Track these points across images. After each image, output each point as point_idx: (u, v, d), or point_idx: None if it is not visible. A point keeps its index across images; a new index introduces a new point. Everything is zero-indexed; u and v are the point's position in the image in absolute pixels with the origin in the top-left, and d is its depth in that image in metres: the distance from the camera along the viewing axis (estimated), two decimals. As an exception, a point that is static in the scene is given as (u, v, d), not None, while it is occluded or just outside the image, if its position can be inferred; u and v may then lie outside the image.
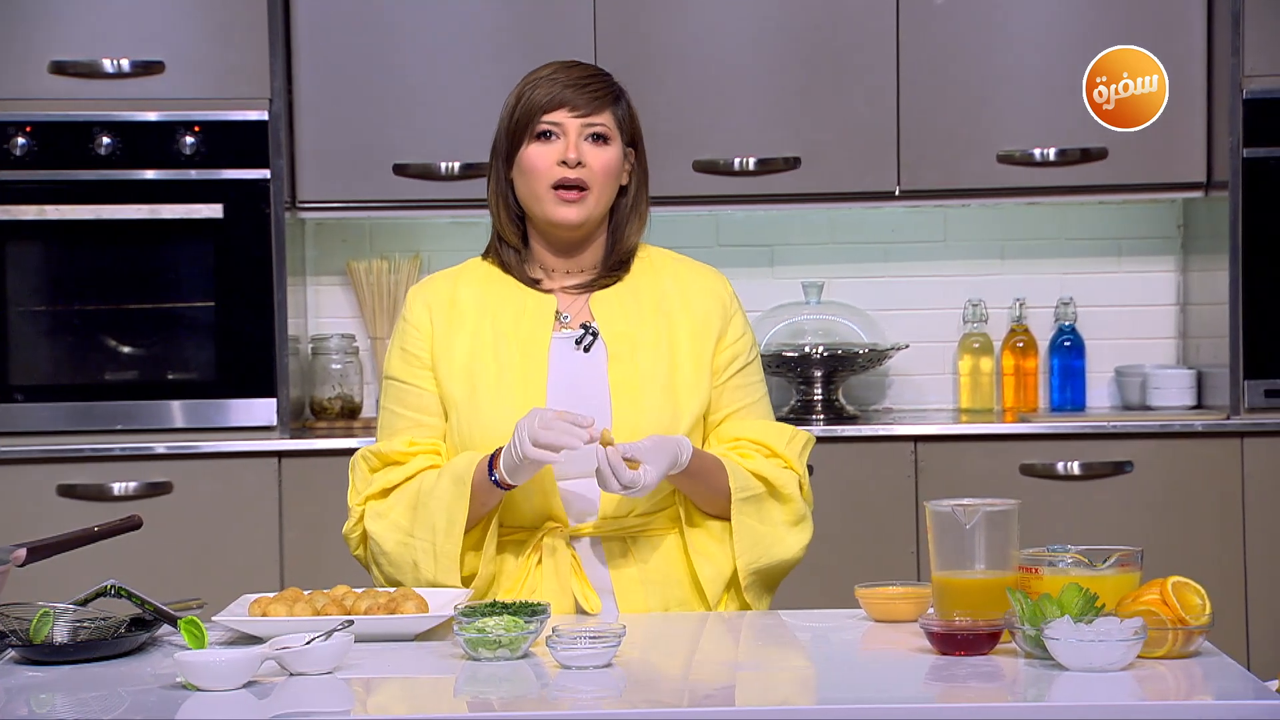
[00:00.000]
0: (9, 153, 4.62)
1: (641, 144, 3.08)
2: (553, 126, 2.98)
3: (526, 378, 2.96)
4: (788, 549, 3.00)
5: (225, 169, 4.68)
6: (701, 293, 3.05)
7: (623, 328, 2.99)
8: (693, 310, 3.03)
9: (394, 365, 3.04)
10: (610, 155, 3.00)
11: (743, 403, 3.04)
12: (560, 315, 3.02)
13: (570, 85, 2.99)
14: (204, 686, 2.41)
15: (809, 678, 2.54)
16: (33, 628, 2.59)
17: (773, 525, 2.98)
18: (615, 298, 3.03)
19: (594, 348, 3.00)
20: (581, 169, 2.97)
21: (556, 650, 2.51)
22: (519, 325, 3.00)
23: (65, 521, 4.06)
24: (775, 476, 2.99)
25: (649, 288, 3.04)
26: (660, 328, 3.00)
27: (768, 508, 2.98)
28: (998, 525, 2.61)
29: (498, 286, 3.04)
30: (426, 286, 3.07)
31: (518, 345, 2.99)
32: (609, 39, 4.79)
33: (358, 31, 4.78)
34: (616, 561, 2.96)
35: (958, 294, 5.14)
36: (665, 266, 3.08)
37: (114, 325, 4.70)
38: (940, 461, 4.71)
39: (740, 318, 3.07)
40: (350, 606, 2.70)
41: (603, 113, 3.00)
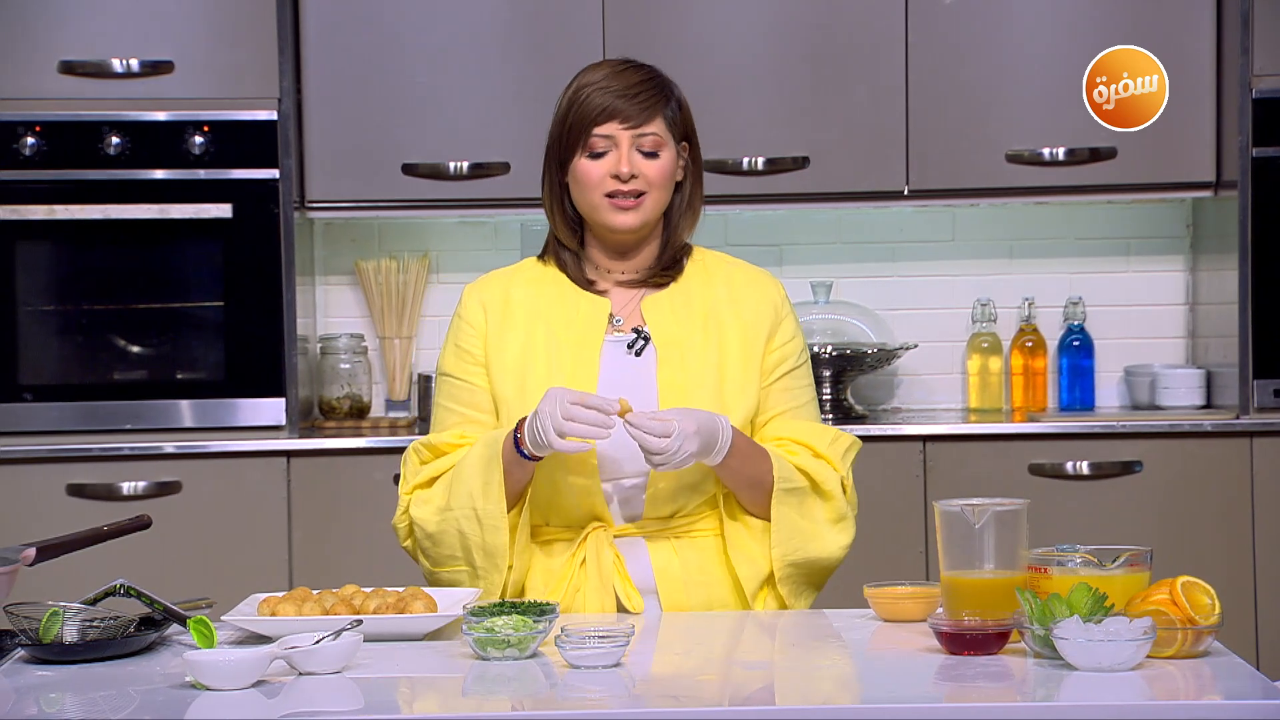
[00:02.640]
0: (18, 152, 4.62)
1: (695, 139, 3.08)
2: (604, 140, 2.98)
3: (576, 379, 2.97)
4: (826, 546, 2.99)
5: (234, 169, 4.68)
6: (752, 296, 3.05)
7: (673, 332, 3.00)
8: (743, 314, 3.03)
9: (448, 361, 3.06)
10: (663, 163, 3.00)
11: (789, 405, 3.04)
12: (613, 319, 3.03)
13: (621, 95, 2.98)
14: (213, 686, 2.41)
15: (817, 677, 2.54)
16: (42, 627, 2.59)
17: (813, 521, 2.98)
18: (667, 301, 3.03)
19: (645, 351, 3.00)
20: (635, 180, 2.98)
21: (565, 650, 2.51)
22: (571, 327, 3.01)
23: (74, 521, 4.06)
24: (818, 473, 2.99)
25: (700, 291, 3.04)
26: (710, 332, 3.01)
27: (809, 503, 2.98)
28: (1007, 525, 2.61)
29: (552, 287, 3.05)
30: (482, 285, 3.09)
31: (569, 347, 3.00)
32: (617, 39, 4.79)
33: (366, 31, 4.78)
34: (660, 561, 2.96)
35: (966, 293, 5.14)
36: (718, 270, 3.08)
37: (123, 325, 4.71)
38: (949, 461, 4.70)
39: (791, 322, 3.07)
40: (359, 606, 2.70)
41: (654, 120, 3.00)
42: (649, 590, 2.96)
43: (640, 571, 2.96)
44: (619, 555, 2.96)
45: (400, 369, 5.09)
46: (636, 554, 2.97)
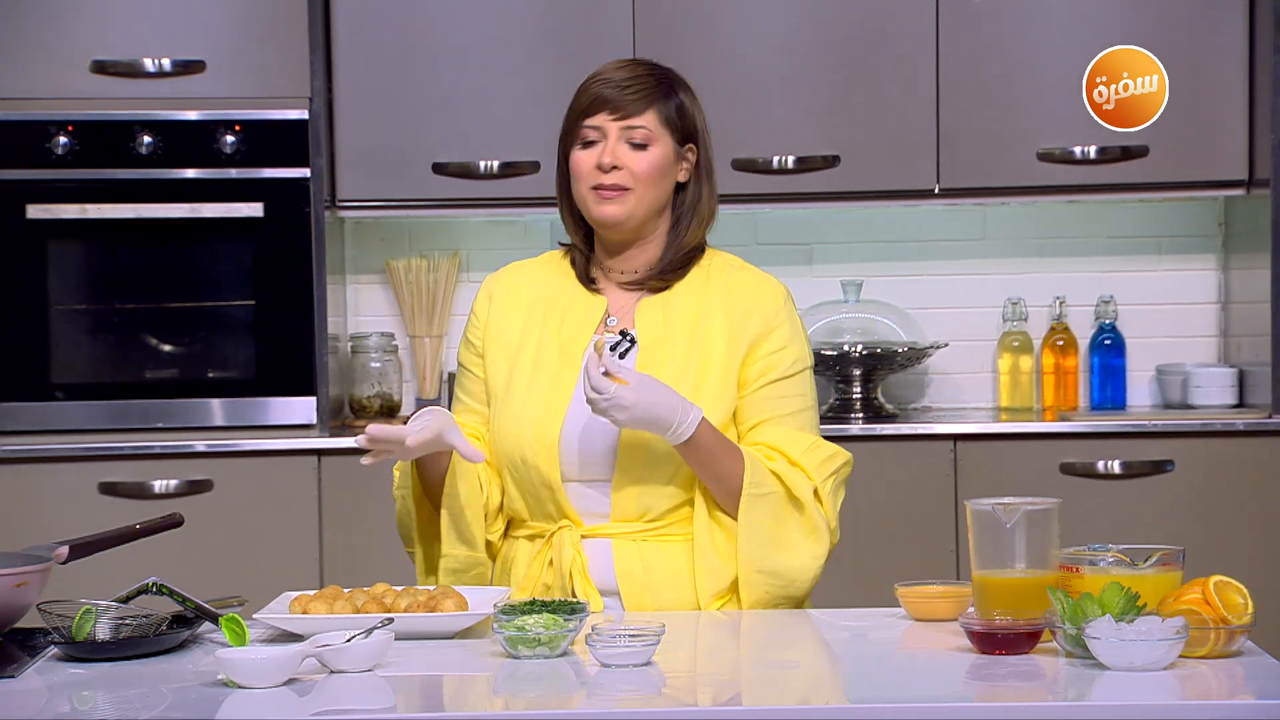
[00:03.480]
0: (51, 152, 4.64)
1: (702, 138, 3.06)
2: (593, 131, 3.00)
3: (557, 377, 2.98)
4: (797, 556, 2.95)
5: (265, 168, 4.69)
6: (745, 304, 3.02)
7: (659, 336, 3.00)
8: (731, 321, 3.01)
9: (460, 352, 3.13)
10: (652, 157, 2.99)
11: (774, 413, 3.00)
12: (608, 319, 3.03)
13: (614, 86, 2.99)
14: (245, 684, 2.42)
15: (848, 677, 2.54)
16: (75, 625, 2.60)
17: (785, 529, 2.95)
18: (661, 306, 3.03)
19: (629, 355, 3.00)
20: (618, 172, 2.97)
21: (596, 649, 2.51)
22: (565, 325, 3.02)
23: (106, 519, 4.08)
24: (792, 480, 2.95)
25: (696, 297, 3.03)
26: (695, 338, 3.00)
27: (783, 511, 2.95)
28: (1038, 524, 2.60)
29: (560, 281, 3.07)
30: (499, 275, 3.13)
31: (558, 345, 3.01)
32: (647, 38, 4.79)
33: (397, 31, 4.79)
34: (624, 564, 2.95)
35: (997, 292, 5.13)
36: (720, 275, 3.06)
37: (154, 324, 4.72)
38: (979, 460, 4.69)
39: (786, 330, 3.02)
40: (390, 604, 2.71)
41: (644, 114, 2.99)
42: (611, 591, 2.95)
43: (603, 572, 2.95)
44: (582, 555, 2.95)
45: (430, 368, 5.10)
46: (602, 555, 2.96)
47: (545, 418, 2.96)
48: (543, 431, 2.95)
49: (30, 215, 4.65)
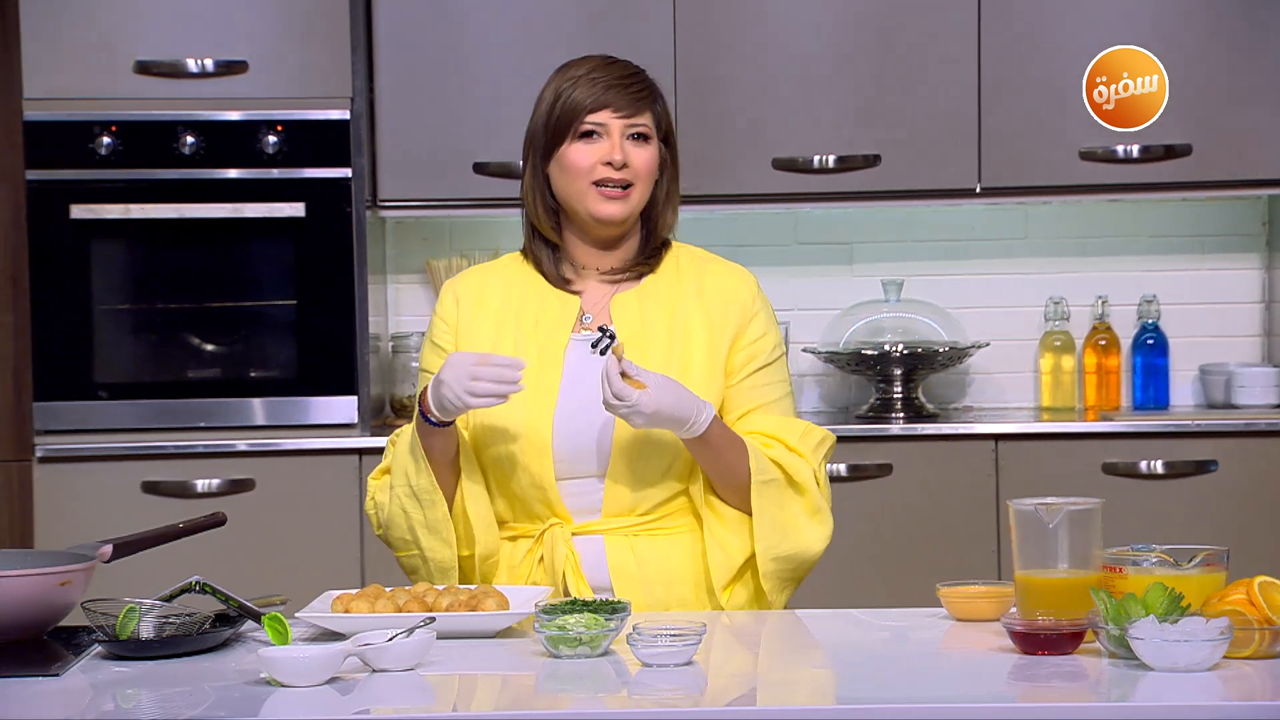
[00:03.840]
0: (95, 152, 4.66)
1: (674, 138, 3.09)
2: (597, 127, 2.99)
3: (541, 378, 2.98)
4: (805, 539, 2.98)
5: (307, 168, 4.70)
6: (721, 293, 3.04)
7: (638, 331, 3.00)
8: (710, 311, 3.03)
9: (425, 356, 3.09)
10: (651, 153, 3.01)
11: (761, 401, 3.03)
12: (583, 316, 3.04)
13: (613, 85, 2.99)
14: (287, 682, 2.42)
15: (890, 676, 2.53)
16: (119, 623, 2.61)
17: (791, 514, 2.97)
18: (636, 300, 3.03)
19: (609, 351, 2.99)
20: (626, 170, 2.98)
21: (637, 648, 2.51)
22: (540, 324, 3.02)
23: (149, 518, 4.10)
24: (791, 466, 2.98)
25: (670, 290, 3.04)
26: (675, 331, 3.01)
27: (785, 496, 2.97)
28: (1081, 524, 2.59)
29: (527, 283, 3.06)
30: (459, 280, 3.11)
31: (536, 345, 3.01)
32: (688, 36, 4.79)
33: (438, 31, 4.80)
34: (616, 559, 2.96)
35: (1039, 291, 5.11)
36: (690, 266, 3.08)
37: (197, 323, 4.74)
38: (1021, 460, 4.68)
39: (763, 318, 3.05)
40: (432, 604, 2.71)
41: (644, 113, 3.01)
42: (604, 588, 2.95)
43: (596, 569, 2.95)
44: (574, 552, 2.96)
45: (471, 367, 5.10)
46: (594, 552, 2.97)
47: (534, 418, 2.96)
48: (533, 432, 2.95)
49: (74, 215, 4.67)
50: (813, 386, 5.16)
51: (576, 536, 2.97)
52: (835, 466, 4.68)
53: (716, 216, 5.10)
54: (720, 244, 5.14)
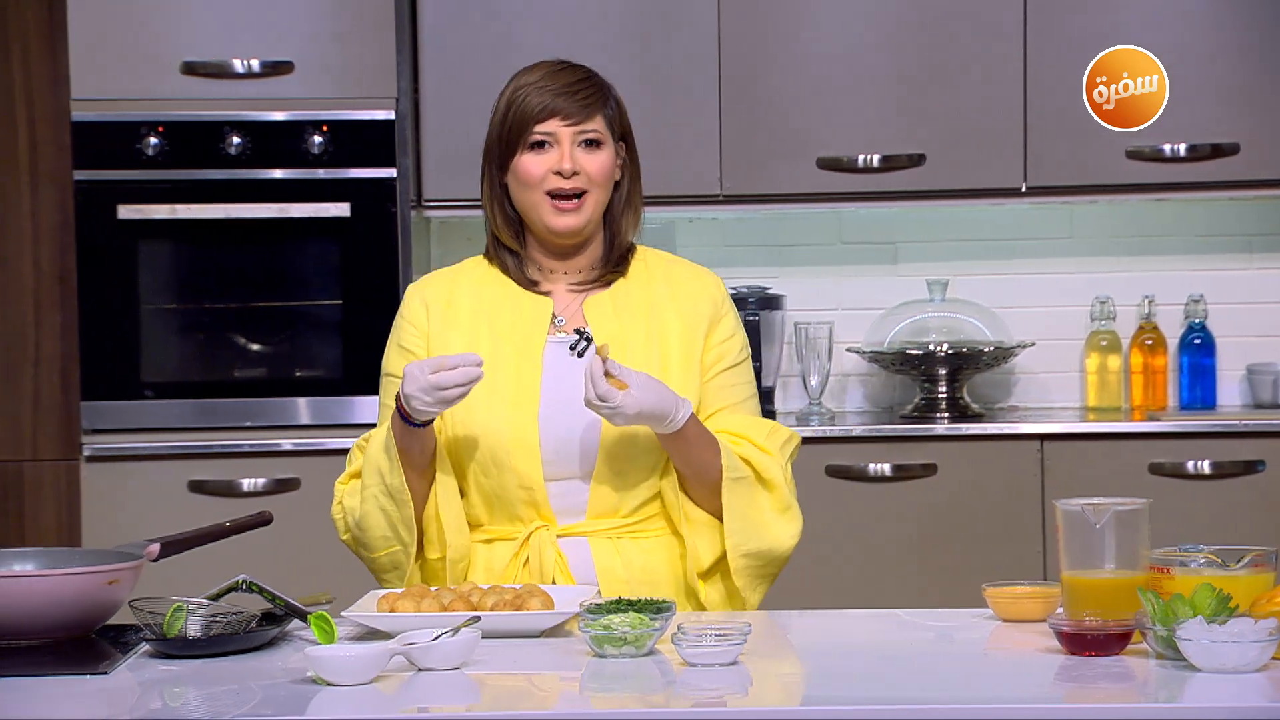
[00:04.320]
0: (142, 152, 4.68)
1: (631, 138, 3.08)
2: (546, 136, 2.99)
3: (520, 381, 2.97)
4: (774, 535, 2.98)
5: (352, 168, 4.72)
6: (691, 293, 3.05)
7: (614, 331, 3.00)
8: (682, 311, 3.03)
9: (390, 361, 3.07)
10: (604, 159, 3.01)
11: (729, 401, 3.03)
12: (555, 319, 3.03)
13: (561, 93, 2.99)
14: (333, 681, 2.43)
15: (935, 676, 2.52)
16: (166, 622, 2.62)
17: (759, 511, 2.98)
18: (609, 301, 3.04)
19: (587, 352, 3.00)
20: (577, 177, 2.98)
21: (682, 648, 2.51)
22: (515, 328, 3.02)
23: (196, 517, 4.11)
24: (760, 463, 2.98)
25: (641, 291, 3.05)
26: (651, 331, 3.01)
27: (755, 493, 2.98)
28: (1128, 525, 2.58)
29: (495, 287, 3.06)
30: (425, 284, 3.11)
31: (512, 348, 3.00)
32: (733, 36, 4.79)
33: (482, 30, 4.81)
34: (603, 561, 2.95)
35: (1085, 291, 5.09)
36: (659, 268, 3.09)
37: (242, 323, 4.76)
38: (1067, 460, 4.66)
39: (730, 319, 3.06)
40: (477, 603, 2.72)
41: (594, 118, 3.00)
42: (591, 590, 2.93)
43: (583, 571, 2.95)
44: (561, 555, 2.96)
45: (516, 367, 5.11)
46: (579, 554, 2.96)
47: (519, 420, 2.95)
48: (520, 432, 2.95)
49: (121, 216, 4.69)
50: (856, 386, 5.15)
51: (561, 539, 2.97)
52: (880, 466, 4.68)
53: (760, 216, 5.10)
54: (764, 244, 5.14)
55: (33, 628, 2.65)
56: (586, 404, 2.85)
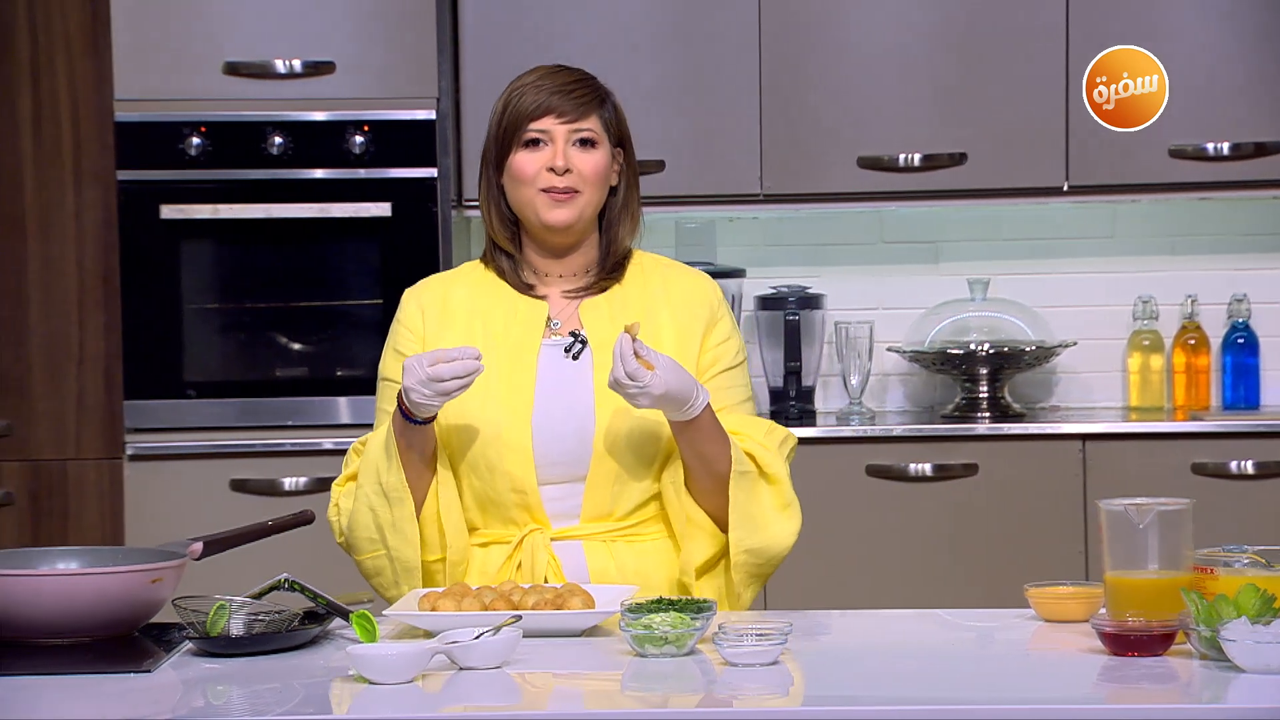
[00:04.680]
0: (184, 152, 4.70)
1: (629, 144, 3.08)
2: (540, 134, 2.99)
3: (514, 383, 2.98)
4: (775, 532, 2.97)
5: (393, 168, 4.73)
6: (687, 297, 3.05)
7: (609, 335, 2.99)
8: (678, 315, 3.03)
9: (387, 365, 3.08)
10: (598, 159, 3.01)
11: (725, 403, 3.02)
12: (551, 322, 3.03)
13: (556, 92, 3.00)
14: (375, 680, 2.44)
15: (977, 677, 2.52)
16: (209, 620, 2.63)
17: (761, 507, 2.97)
18: (605, 305, 3.04)
19: (582, 355, 3.00)
20: (570, 175, 2.98)
21: (723, 647, 2.51)
22: (509, 330, 3.02)
23: (237, 516, 4.12)
24: (763, 458, 2.98)
25: (638, 294, 3.05)
26: (646, 333, 2.99)
27: (758, 488, 2.97)
28: (1171, 525, 2.57)
29: (491, 290, 3.06)
30: (421, 288, 3.11)
31: (507, 350, 3.00)
32: (773, 35, 4.79)
33: (523, 30, 4.81)
34: (597, 564, 2.95)
35: (1127, 290, 5.07)
36: (655, 272, 3.09)
37: (284, 322, 4.77)
38: (1109, 460, 4.65)
39: (727, 322, 3.07)
40: (517, 602, 2.72)
41: (589, 117, 3.01)
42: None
43: (576, 574, 2.94)
44: (554, 558, 2.95)
45: (556, 366, 5.11)
46: (573, 557, 2.96)
47: (512, 422, 2.95)
48: (513, 435, 2.94)
49: (164, 215, 4.71)
50: (897, 386, 5.14)
51: (555, 542, 2.97)
52: (921, 466, 4.67)
53: (801, 215, 5.09)
54: (805, 243, 5.13)
55: (77, 626, 2.66)
56: (613, 384, 2.84)
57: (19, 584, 2.66)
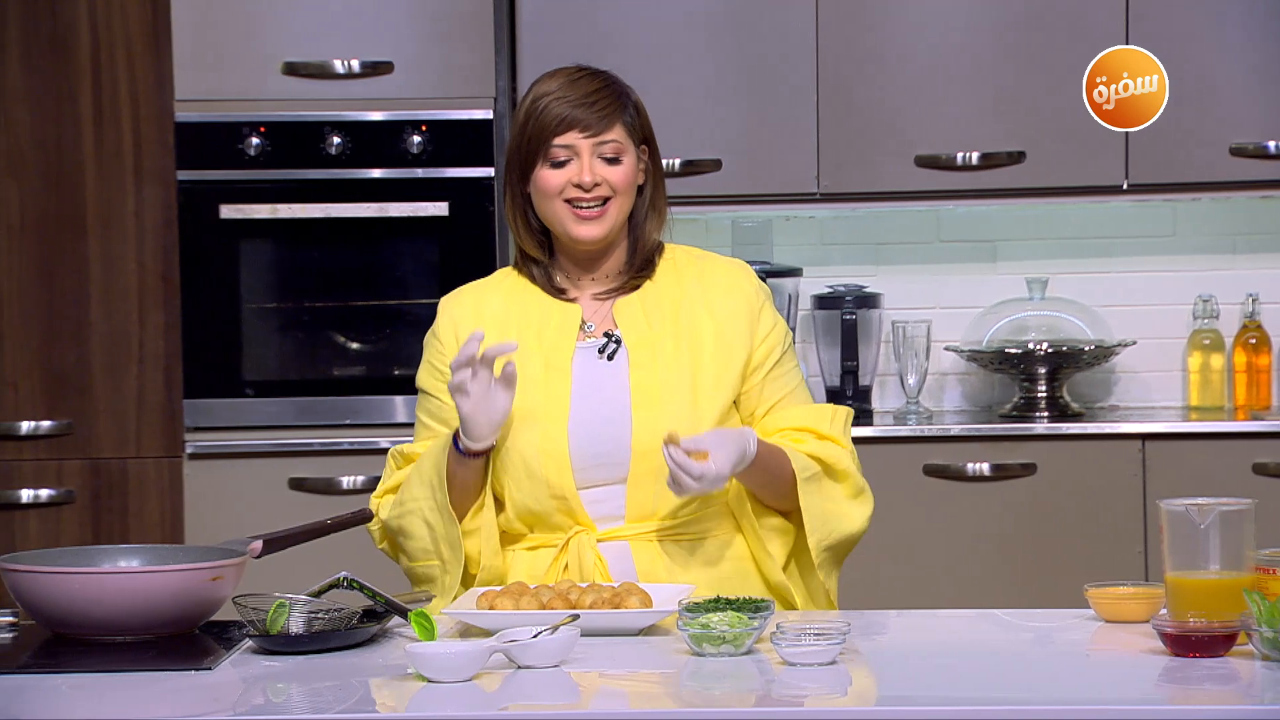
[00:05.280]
0: (244, 153, 4.72)
1: (654, 141, 3.06)
2: (564, 150, 2.97)
3: (550, 388, 2.97)
4: (853, 522, 3.00)
5: (450, 167, 4.74)
6: (725, 291, 3.03)
7: (644, 333, 2.99)
8: (716, 310, 3.01)
9: (422, 376, 3.09)
10: (625, 169, 2.99)
11: (782, 393, 3.03)
12: (585, 324, 3.02)
13: (579, 104, 2.96)
14: (434, 678, 2.44)
15: (1036, 677, 2.51)
16: (269, 618, 2.64)
17: (836, 501, 2.99)
18: (639, 303, 3.02)
19: (617, 355, 2.99)
20: (599, 187, 2.96)
21: (781, 647, 2.51)
22: (543, 335, 3.01)
23: (296, 514, 4.14)
24: (828, 455, 2.99)
25: (671, 290, 3.03)
26: (682, 331, 2.99)
27: (827, 487, 2.98)
28: (1233, 525, 2.56)
29: (524, 296, 3.05)
30: (454, 300, 3.10)
31: (541, 355, 2.99)
32: (830, 34, 4.78)
33: (580, 29, 4.81)
34: (644, 563, 2.94)
35: (1187, 289, 5.04)
36: (689, 266, 3.06)
37: (342, 322, 4.79)
38: (1168, 460, 4.62)
39: (769, 310, 3.05)
40: (575, 601, 2.72)
41: (613, 127, 2.98)
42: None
43: (624, 574, 2.93)
44: (601, 559, 2.94)
45: (613, 365, 5.11)
46: (620, 557, 2.95)
47: (549, 430, 2.94)
48: (549, 443, 2.94)
49: (224, 215, 4.73)
50: (955, 385, 5.13)
51: (601, 543, 2.96)
52: (978, 466, 4.65)
53: (858, 214, 5.08)
54: (862, 242, 5.12)
55: (138, 623, 2.68)
56: (682, 491, 2.82)
57: (81, 582, 2.68)
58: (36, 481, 4.72)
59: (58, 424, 4.72)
